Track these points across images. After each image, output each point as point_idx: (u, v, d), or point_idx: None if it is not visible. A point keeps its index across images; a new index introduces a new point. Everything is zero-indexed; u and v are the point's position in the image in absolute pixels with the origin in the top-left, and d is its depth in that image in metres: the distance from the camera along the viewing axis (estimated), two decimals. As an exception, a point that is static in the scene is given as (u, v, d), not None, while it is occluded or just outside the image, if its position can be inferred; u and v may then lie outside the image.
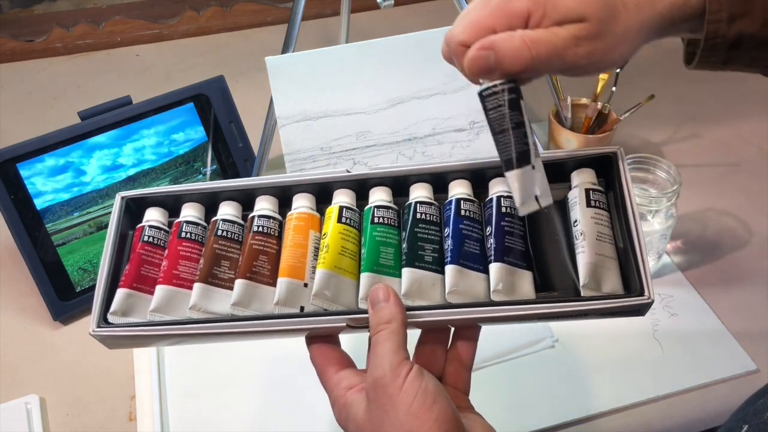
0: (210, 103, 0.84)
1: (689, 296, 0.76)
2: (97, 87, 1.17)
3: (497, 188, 0.49)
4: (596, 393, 0.67)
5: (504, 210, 0.48)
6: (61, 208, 0.77)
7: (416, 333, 0.48)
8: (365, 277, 0.46)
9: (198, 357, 0.71)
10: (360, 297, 0.46)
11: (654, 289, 0.43)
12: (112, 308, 0.47)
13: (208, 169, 0.86)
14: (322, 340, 0.47)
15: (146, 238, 0.50)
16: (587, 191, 0.48)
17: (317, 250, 0.49)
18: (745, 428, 0.46)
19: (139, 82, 1.18)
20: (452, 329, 0.48)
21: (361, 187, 0.52)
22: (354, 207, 0.51)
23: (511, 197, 0.48)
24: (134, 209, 0.52)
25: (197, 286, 0.47)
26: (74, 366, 0.72)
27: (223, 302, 0.47)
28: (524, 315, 0.43)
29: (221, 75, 0.85)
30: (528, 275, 0.46)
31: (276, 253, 0.49)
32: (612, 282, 0.45)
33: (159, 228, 0.51)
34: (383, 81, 0.78)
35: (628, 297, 0.43)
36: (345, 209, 0.49)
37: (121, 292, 0.48)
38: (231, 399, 0.68)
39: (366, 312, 0.44)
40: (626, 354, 0.70)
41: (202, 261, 0.49)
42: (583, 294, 0.45)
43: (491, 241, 0.47)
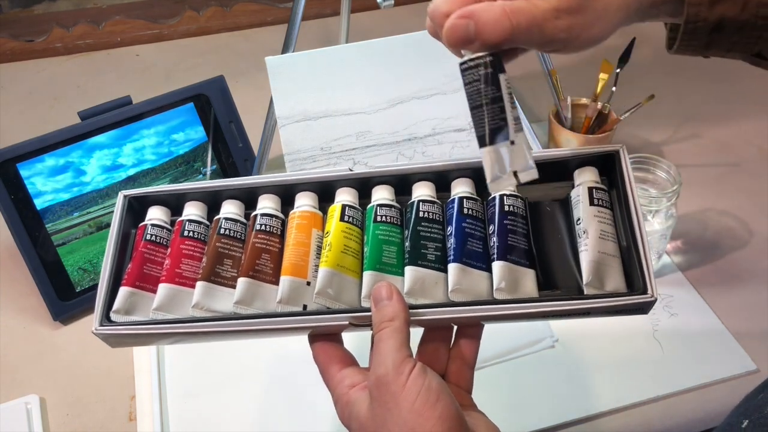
0: (210, 103, 0.84)
1: (689, 296, 0.76)
2: (97, 87, 1.17)
3: (500, 187, 0.49)
4: (596, 393, 0.67)
5: (507, 208, 0.48)
6: (61, 208, 0.77)
7: (419, 331, 0.48)
8: (368, 276, 0.47)
9: (198, 357, 0.71)
10: (363, 295, 0.46)
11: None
12: (115, 306, 0.47)
13: (208, 169, 0.86)
14: (325, 339, 0.47)
15: (149, 237, 0.50)
16: (590, 189, 0.48)
17: (320, 249, 0.49)
18: (746, 423, 0.46)
19: (139, 82, 1.18)
20: (455, 327, 0.48)
21: (364, 186, 0.52)
22: (357, 205, 0.51)
23: (515, 196, 0.48)
24: (137, 208, 0.52)
25: (200, 285, 0.47)
26: (74, 366, 0.72)
27: (226, 300, 0.47)
28: (527, 313, 0.43)
29: (221, 75, 0.85)
30: (531, 273, 0.46)
31: (279, 252, 0.49)
32: (615, 280, 0.45)
33: (161, 226, 0.51)
34: (383, 81, 0.78)
35: (632, 295, 0.43)
36: (348, 208, 0.49)
37: (124, 291, 0.48)
38: (231, 399, 0.68)
39: (369, 310, 0.44)
40: (626, 354, 0.70)
41: (205, 259, 0.49)
42: (586, 292, 0.45)
43: (494, 240, 0.47)
